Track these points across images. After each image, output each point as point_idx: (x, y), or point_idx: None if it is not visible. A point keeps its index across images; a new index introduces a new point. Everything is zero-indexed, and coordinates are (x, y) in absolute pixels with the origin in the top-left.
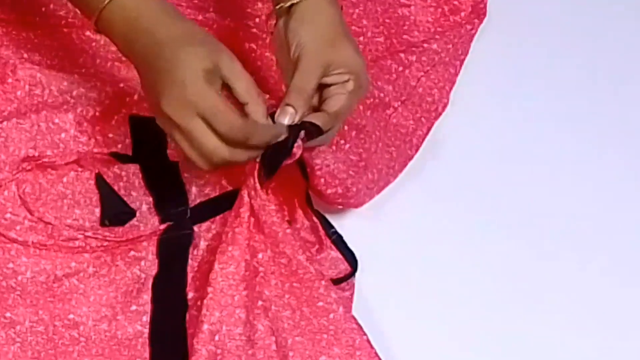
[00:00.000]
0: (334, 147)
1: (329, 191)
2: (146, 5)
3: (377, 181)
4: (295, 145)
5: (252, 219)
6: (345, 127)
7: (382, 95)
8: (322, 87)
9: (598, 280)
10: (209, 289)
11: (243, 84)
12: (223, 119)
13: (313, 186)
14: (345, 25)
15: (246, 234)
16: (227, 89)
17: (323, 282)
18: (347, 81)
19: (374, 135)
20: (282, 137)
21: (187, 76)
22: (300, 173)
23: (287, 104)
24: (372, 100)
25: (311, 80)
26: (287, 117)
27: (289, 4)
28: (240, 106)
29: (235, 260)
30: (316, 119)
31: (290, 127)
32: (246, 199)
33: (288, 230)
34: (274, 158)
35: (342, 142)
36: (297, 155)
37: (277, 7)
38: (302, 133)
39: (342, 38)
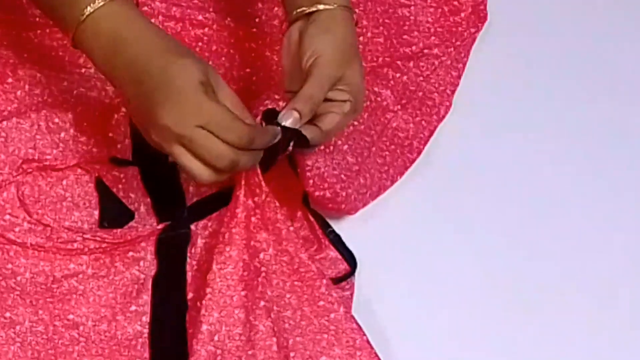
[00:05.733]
0: (331, 148)
1: (317, 193)
2: (127, 18)
3: (369, 186)
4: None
5: (253, 219)
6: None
7: (379, 99)
8: None
9: (598, 282)
10: (207, 290)
11: (231, 98)
12: (232, 127)
13: (302, 187)
14: (357, 44)
15: (244, 234)
16: None
17: (324, 281)
18: (345, 102)
19: (368, 139)
20: (278, 138)
21: (185, 88)
22: (294, 174)
23: (294, 109)
24: (368, 104)
25: (323, 90)
26: (290, 120)
27: (311, 9)
28: None
29: (233, 260)
30: (309, 132)
31: (284, 130)
32: (242, 198)
33: (291, 228)
34: (266, 158)
35: (340, 142)
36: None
37: (296, 10)
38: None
39: (355, 57)
